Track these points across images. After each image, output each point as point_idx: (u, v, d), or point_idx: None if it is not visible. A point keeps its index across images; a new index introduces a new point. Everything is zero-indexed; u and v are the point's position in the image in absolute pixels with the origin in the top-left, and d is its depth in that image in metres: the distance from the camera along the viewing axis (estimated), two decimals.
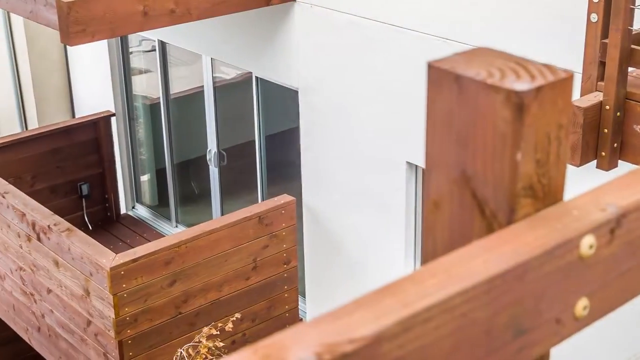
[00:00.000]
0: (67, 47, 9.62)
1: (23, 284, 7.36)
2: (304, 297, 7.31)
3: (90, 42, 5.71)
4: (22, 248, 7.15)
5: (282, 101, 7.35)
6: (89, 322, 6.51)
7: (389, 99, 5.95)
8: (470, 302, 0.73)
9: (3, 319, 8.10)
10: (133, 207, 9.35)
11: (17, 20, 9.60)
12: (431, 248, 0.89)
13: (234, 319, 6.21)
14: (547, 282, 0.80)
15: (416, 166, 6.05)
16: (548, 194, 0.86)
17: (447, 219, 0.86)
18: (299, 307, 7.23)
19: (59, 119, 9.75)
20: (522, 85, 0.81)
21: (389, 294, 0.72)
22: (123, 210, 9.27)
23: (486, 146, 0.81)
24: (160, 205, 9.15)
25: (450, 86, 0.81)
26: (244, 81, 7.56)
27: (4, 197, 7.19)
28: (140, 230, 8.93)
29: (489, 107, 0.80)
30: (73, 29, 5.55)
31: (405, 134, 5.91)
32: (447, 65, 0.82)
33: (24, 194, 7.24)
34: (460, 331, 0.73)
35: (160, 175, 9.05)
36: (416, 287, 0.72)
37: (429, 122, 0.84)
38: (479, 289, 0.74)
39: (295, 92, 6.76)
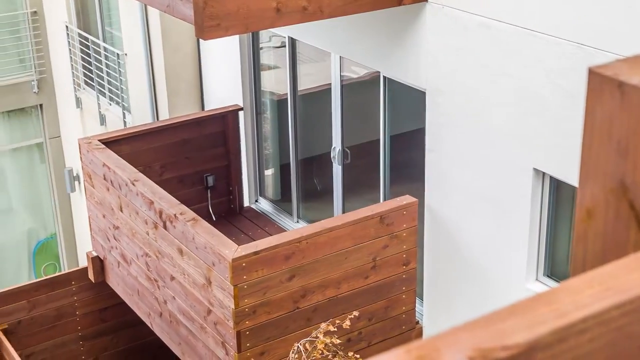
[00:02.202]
0: (200, 41, 9.84)
1: (148, 270, 7.57)
2: (422, 300, 7.27)
3: (223, 36, 5.82)
4: (148, 235, 7.36)
5: (408, 101, 7.32)
6: (209, 311, 6.65)
7: (518, 104, 5.85)
8: (627, 316, 0.71)
9: (127, 302, 8.36)
10: (256, 201, 9.49)
11: (154, 14, 9.88)
12: (581, 256, 0.87)
13: (352, 316, 6.22)
14: None
15: (543, 173, 5.92)
16: None
17: (600, 228, 0.84)
18: (416, 309, 7.20)
19: (189, 111, 9.99)
20: None
21: (544, 302, 0.70)
22: (246, 203, 9.42)
23: None
24: (282, 200, 9.27)
25: (612, 93, 0.79)
26: (371, 80, 7.57)
27: (133, 184, 7.41)
28: (262, 224, 9.06)
29: None
30: (208, 24, 5.67)
31: (534, 139, 5.80)
32: (609, 71, 0.80)
33: (153, 182, 7.45)
34: (614, 345, 0.71)
35: (284, 171, 9.16)
36: (572, 298, 0.71)
37: (586, 129, 0.82)
38: (637, 302, 0.71)
39: (422, 93, 6.72)
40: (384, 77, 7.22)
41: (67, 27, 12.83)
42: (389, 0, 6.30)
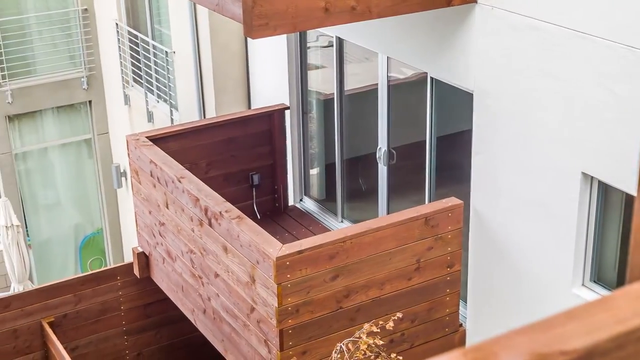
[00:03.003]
0: (248, 39, 9.88)
1: (192, 267, 7.62)
2: (465, 302, 7.22)
3: (271, 35, 5.83)
4: (193, 232, 7.40)
5: (455, 103, 7.28)
6: (252, 309, 6.67)
7: (567, 107, 5.78)
8: None
9: (172, 299, 8.42)
10: (300, 200, 9.51)
11: (203, 13, 9.95)
12: (637, 262, 0.85)
13: (395, 318, 6.21)
14: None
15: (591, 177, 5.85)
16: None
17: None
18: (460, 311, 7.16)
19: (235, 109, 10.04)
20: None
21: (602, 308, 0.69)
22: (291, 202, 9.44)
23: None
24: (327, 200, 9.27)
25: None
26: (418, 81, 7.54)
27: (180, 181, 7.47)
28: (306, 223, 9.07)
29: None
30: (256, 23, 5.68)
31: (583, 144, 5.73)
32: None
33: (198, 179, 7.49)
34: None
35: (329, 170, 9.17)
36: (631, 304, 0.69)
37: None
38: None
39: (470, 95, 6.68)
40: (432, 78, 7.19)
41: (117, 24, 12.97)
42: (438, 1, 6.26)
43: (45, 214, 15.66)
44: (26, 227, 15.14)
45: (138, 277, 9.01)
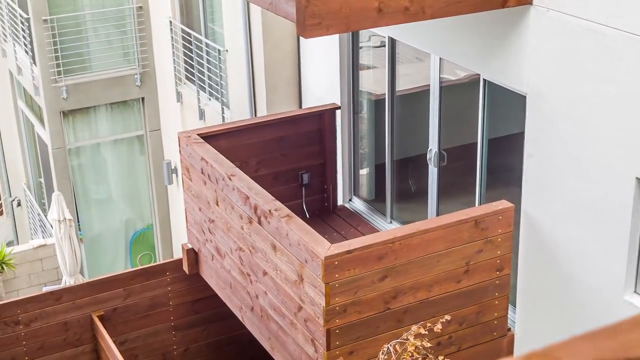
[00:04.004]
0: (300, 39, 9.90)
1: (241, 264, 7.66)
2: (514, 306, 7.16)
3: (324, 35, 5.83)
4: (243, 229, 7.44)
5: (507, 105, 7.21)
6: (299, 308, 6.68)
7: (622, 111, 5.70)
8: None
9: (220, 295, 8.47)
10: (350, 200, 9.50)
11: (256, 12, 9.99)
12: None
13: (444, 320, 6.17)
14: None
15: None
16: None
17: None
18: (508, 315, 7.09)
19: (286, 108, 10.07)
20: None
21: None
22: (340, 202, 9.44)
23: None
24: (376, 200, 9.25)
25: None
26: (470, 83, 7.48)
27: (230, 179, 7.51)
28: (355, 223, 9.07)
29: None
30: (309, 22, 5.69)
31: (637, 148, 5.64)
32: None
33: (249, 177, 7.53)
34: None
35: (379, 171, 9.15)
36: None
37: None
38: None
39: (522, 97, 6.62)
40: (484, 80, 7.14)
41: (170, 22, 13.09)
42: (493, 2, 6.21)
43: (97, 209, 15.86)
44: (78, 222, 15.36)
45: (187, 273, 9.08)
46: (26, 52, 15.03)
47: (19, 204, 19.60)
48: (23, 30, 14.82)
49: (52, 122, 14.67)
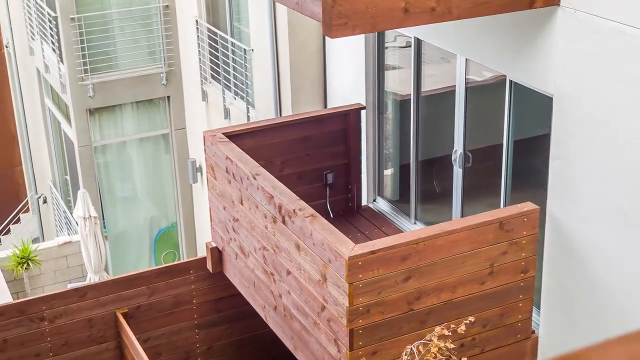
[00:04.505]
0: (326, 39, 9.90)
1: (265, 263, 7.67)
2: (538, 309, 7.12)
3: (350, 35, 5.83)
4: (267, 229, 7.45)
5: (533, 107, 7.18)
6: (323, 307, 6.68)
7: None
8: None
9: (243, 294, 8.49)
10: (374, 200, 9.49)
11: (282, 11, 10.00)
12: None
13: (467, 322, 6.15)
14: None
15: None
16: None
17: None
18: (532, 318, 7.06)
19: (311, 108, 10.08)
20: None
21: None
22: (364, 202, 9.43)
23: None
24: (400, 201, 9.24)
25: None
26: (496, 84, 7.45)
27: (255, 178, 7.52)
28: (379, 224, 9.06)
29: None
30: (336, 22, 5.69)
31: None
32: None
33: (273, 177, 7.54)
34: None
35: (403, 171, 9.13)
36: None
37: None
38: None
39: (549, 99, 6.58)
40: (510, 81, 7.10)
41: (196, 21, 13.14)
42: (520, 3, 6.18)
43: (122, 207, 15.95)
44: (103, 219, 15.45)
45: (211, 271, 9.10)
46: (53, 50, 15.14)
47: (44, 201, 19.76)
48: (51, 28, 14.93)
49: (79, 120, 14.77)
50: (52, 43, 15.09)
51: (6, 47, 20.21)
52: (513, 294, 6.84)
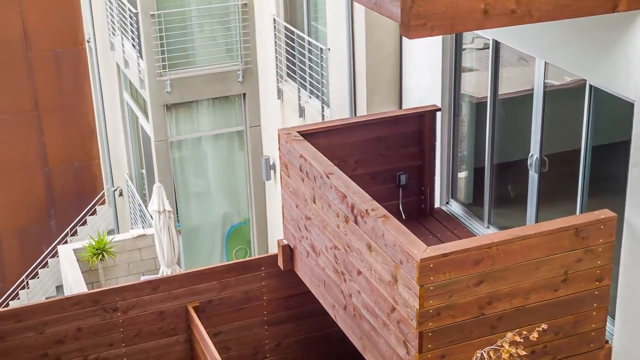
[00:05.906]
0: (403, 39, 9.86)
1: (336, 262, 7.68)
2: (613, 318, 6.98)
3: (429, 36, 5.79)
4: (339, 228, 7.45)
5: (613, 112, 7.03)
6: (393, 309, 6.66)
7: None
8: None
9: (313, 292, 8.51)
10: (447, 203, 9.42)
11: (359, 11, 10.00)
12: None
13: (540, 329, 6.06)
14: None
15: None
16: None
17: None
18: (607, 328, 6.92)
19: (386, 108, 10.05)
20: None
21: None
22: (437, 204, 9.37)
23: None
24: (473, 204, 9.15)
25: None
26: (575, 88, 7.33)
27: (328, 177, 7.53)
28: (451, 226, 8.99)
29: None
30: (414, 23, 5.65)
31: None
32: None
33: (346, 176, 7.54)
34: None
35: (477, 174, 9.04)
36: None
37: None
38: None
39: (630, 105, 6.44)
40: (590, 86, 6.98)
41: (274, 19, 13.21)
42: (603, 6, 6.06)
43: (196, 202, 16.14)
44: (177, 213, 15.66)
45: (282, 269, 9.15)
46: (133, 46, 15.40)
47: (120, 194, 20.12)
48: (131, 24, 15.19)
49: (156, 115, 15.00)
50: (132, 39, 15.34)
51: (88, 42, 20.64)
52: (587, 303, 6.72)
